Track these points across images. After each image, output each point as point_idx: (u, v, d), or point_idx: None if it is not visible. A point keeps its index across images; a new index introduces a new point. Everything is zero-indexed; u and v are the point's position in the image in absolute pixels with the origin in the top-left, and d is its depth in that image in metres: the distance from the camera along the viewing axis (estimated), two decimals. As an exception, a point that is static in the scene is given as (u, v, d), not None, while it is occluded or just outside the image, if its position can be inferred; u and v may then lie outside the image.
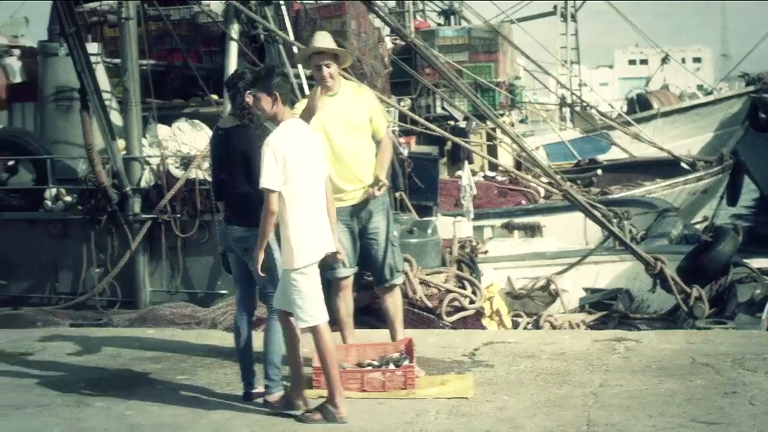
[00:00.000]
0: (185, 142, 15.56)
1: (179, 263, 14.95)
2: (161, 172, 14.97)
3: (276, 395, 8.89)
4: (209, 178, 14.79)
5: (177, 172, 14.99)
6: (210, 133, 15.07)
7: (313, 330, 8.44)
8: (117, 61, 16.15)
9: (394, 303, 9.79)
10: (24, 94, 17.41)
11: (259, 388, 9.07)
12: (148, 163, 15.16)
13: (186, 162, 15.08)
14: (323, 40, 9.53)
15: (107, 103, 15.32)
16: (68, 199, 15.59)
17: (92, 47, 15.90)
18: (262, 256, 8.37)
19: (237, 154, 8.79)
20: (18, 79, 17.91)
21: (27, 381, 10.19)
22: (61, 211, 15.58)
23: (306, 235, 8.33)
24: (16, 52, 18.39)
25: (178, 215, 14.82)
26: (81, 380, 10.12)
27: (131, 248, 14.79)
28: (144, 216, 14.93)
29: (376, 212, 9.59)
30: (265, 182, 8.21)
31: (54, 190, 15.65)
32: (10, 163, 16.34)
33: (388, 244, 9.67)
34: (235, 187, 8.83)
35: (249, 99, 8.92)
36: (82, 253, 15.23)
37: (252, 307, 9.26)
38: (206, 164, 15.07)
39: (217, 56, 17.43)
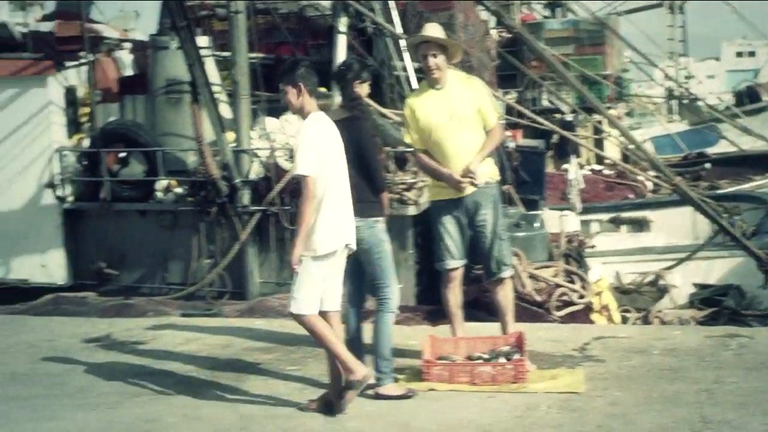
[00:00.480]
0: (293, 134, 15.62)
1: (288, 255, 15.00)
2: (270, 165, 15.06)
3: (387, 387, 8.92)
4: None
5: (286, 165, 15.06)
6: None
7: (303, 320, 8.46)
8: (226, 54, 16.28)
9: (505, 296, 9.75)
10: (135, 86, 17.62)
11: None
12: (257, 156, 15.27)
13: (294, 154, 15.12)
14: (431, 29, 9.56)
15: (217, 95, 15.47)
16: (178, 190, 15.74)
17: (202, 40, 16.06)
18: (301, 247, 8.34)
19: (349, 145, 8.81)
20: (129, 72, 18.13)
21: (140, 369, 10.36)
22: (172, 203, 15.74)
23: (330, 223, 8.40)
24: (127, 45, 18.60)
25: (287, 207, 14.89)
26: (193, 369, 10.27)
27: (240, 240, 14.90)
28: (253, 208, 15.02)
29: (483, 204, 9.54)
30: (302, 169, 8.32)
31: (164, 182, 15.83)
32: (122, 154, 16.56)
33: (495, 237, 9.62)
34: (350, 178, 8.85)
35: (359, 90, 8.97)
36: (191, 244, 15.38)
37: (362, 299, 9.30)
38: (314, 157, 15.14)
39: (325, 49, 17.48)
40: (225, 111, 15.66)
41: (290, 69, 8.60)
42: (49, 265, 16.43)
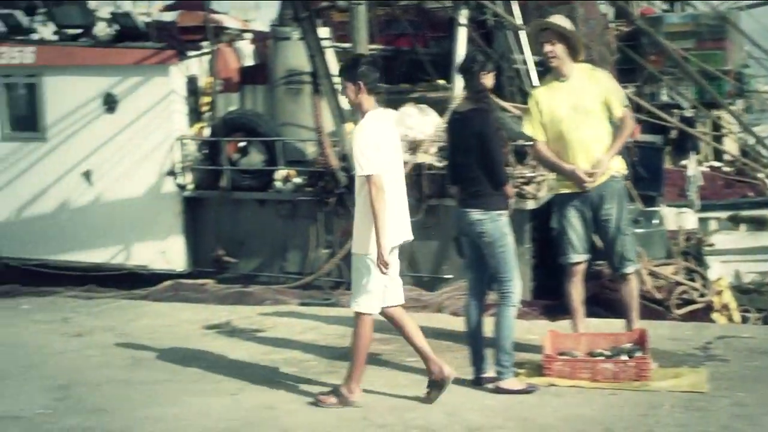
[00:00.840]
0: (412, 126, 15.62)
1: (406, 246, 14.98)
2: (389, 156, 15.06)
3: (508, 381, 8.88)
4: (437, 163, 14.86)
5: (405, 157, 15.04)
6: (437, 118, 15.21)
7: (359, 317, 8.59)
8: (346, 45, 16.35)
9: (628, 293, 9.65)
10: (255, 76, 17.78)
11: (490, 373, 9.08)
12: (376, 147, 15.27)
13: (413, 146, 15.16)
14: (552, 17, 9.53)
15: (336, 86, 15.51)
16: (297, 180, 15.85)
17: (322, 31, 16.14)
18: (384, 241, 8.33)
19: (474, 137, 8.77)
20: (249, 62, 18.28)
21: (260, 357, 10.44)
22: (290, 192, 15.85)
23: (388, 221, 8.40)
24: (248, 35, 18.75)
25: (405, 199, 14.88)
26: (312, 358, 10.33)
27: (358, 231, 14.92)
28: (371, 199, 15.04)
29: (608, 199, 9.44)
30: (367, 169, 8.32)
31: (284, 172, 15.94)
32: (242, 144, 16.71)
33: (619, 233, 9.51)
34: (472, 171, 8.82)
35: (486, 81, 8.92)
36: (309, 234, 15.49)
37: (483, 291, 9.25)
38: (433, 149, 15.14)
39: (444, 41, 17.47)
40: (344, 102, 15.68)
41: (352, 66, 8.65)
42: (168, 252, 16.66)
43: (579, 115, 9.37)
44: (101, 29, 17.73)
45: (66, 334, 11.86)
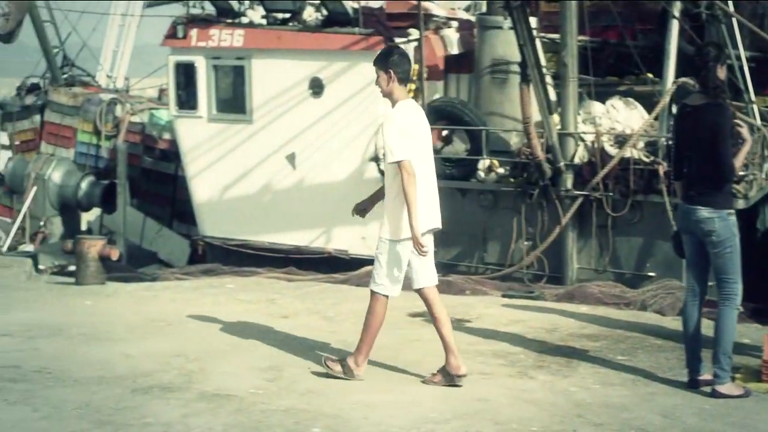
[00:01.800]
0: (619, 120, 15.42)
1: (608, 242, 14.83)
2: (595, 149, 14.88)
3: (726, 386, 8.63)
4: (644, 158, 14.62)
5: (611, 150, 14.86)
6: (644, 112, 14.94)
7: (375, 297, 9.02)
8: (553, 36, 16.18)
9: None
10: (460, 65, 17.74)
11: (706, 376, 8.84)
12: (582, 140, 15.11)
13: (621, 140, 14.95)
14: None
15: (546, 77, 15.36)
16: (501, 170, 15.76)
17: (531, 22, 15.98)
18: (418, 224, 8.60)
19: (709, 131, 8.49)
20: (455, 51, 18.22)
21: (468, 347, 10.32)
22: (493, 183, 15.77)
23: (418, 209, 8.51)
24: (454, 24, 18.70)
25: (610, 194, 14.69)
26: (520, 351, 10.22)
27: (561, 224, 14.79)
28: (576, 192, 14.90)
29: None
30: (397, 155, 8.47)
31: (487, 162, 15.85)
32: (445, 132, 16.68)
33: None
34: (705, 167, 8.54)
35: (721, 74, 8.64)
36: (511, 226, 15.37)
37: (703, 291, 8.99)
38: (641, 143, 14.89)
39: (653, 34, 17.15)
40: (552, 93, 15.54)
41: (385, 54, 8.82)
42: (368, 238, 16.70)
43: None
44: (309, 14, 17.91)
45: (272, 315, 11.96)
